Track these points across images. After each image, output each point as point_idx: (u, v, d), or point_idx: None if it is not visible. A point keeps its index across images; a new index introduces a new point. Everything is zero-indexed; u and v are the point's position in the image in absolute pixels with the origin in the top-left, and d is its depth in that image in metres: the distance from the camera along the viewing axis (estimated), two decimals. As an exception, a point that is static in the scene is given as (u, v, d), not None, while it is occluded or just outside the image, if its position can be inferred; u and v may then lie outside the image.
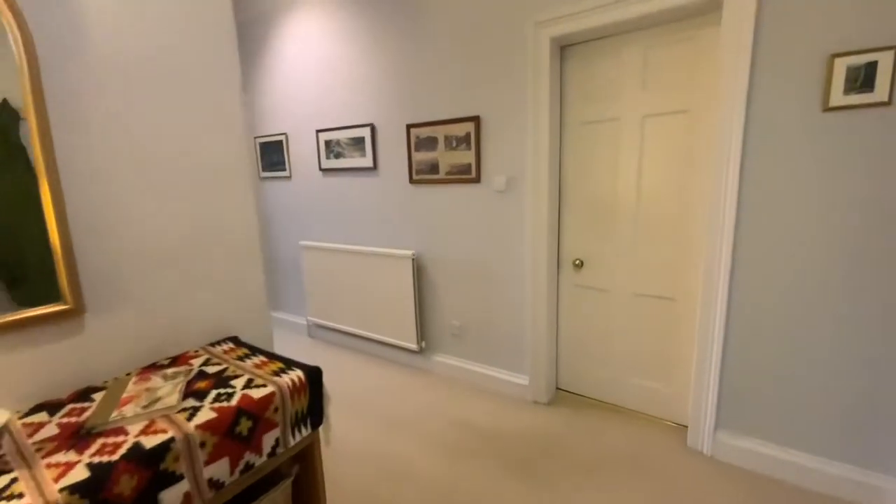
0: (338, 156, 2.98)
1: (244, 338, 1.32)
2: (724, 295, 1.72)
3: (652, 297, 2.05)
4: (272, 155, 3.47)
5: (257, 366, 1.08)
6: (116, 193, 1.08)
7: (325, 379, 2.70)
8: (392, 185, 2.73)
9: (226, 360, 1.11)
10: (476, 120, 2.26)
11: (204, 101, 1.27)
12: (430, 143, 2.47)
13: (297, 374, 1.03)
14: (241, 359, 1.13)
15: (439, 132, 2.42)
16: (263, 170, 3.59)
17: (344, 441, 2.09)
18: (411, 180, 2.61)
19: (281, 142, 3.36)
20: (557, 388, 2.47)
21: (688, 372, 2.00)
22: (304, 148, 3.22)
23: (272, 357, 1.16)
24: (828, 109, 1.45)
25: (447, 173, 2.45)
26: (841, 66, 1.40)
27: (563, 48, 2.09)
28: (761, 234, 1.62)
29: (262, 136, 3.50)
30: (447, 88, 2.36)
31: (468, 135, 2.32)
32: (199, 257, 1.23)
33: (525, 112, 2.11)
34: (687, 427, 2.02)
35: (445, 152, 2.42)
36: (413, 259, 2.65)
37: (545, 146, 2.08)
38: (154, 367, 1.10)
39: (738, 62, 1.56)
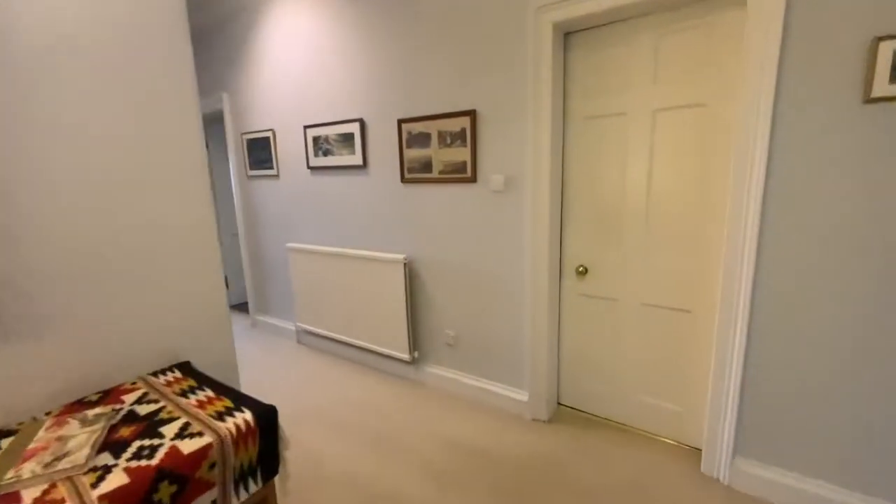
0: (326, 153, 2.80)
1: (198, 363, 1.14)
2: (746, 307, 1.54)
3: (663, 309, 1.87)
4: (259, 152, 3.29)
5: (201, 403, 0.90)
6: (15, 193, 0.90)
7: (309, 391, 2.53)
8: (383, 184, 2.56)
9: (165, 396, 0.94)
10: (472, 114, 2.09)
11: (129, 82, 1.07)
12: (423, 139, 2.29)
13: (245, 417, 0.85)
14: (184, 393, 0.95)
15: (432, 128, 2.24)
16: (251, 168, 3.42)
17: (323, 463, 1.91)
18: (403, 179, 2.43)
19: (268, 138, 3.18)
20: (559, 404, 2.30)
21: (703, 391, 1.82)
22: (291, 145, 3.05)
23: (221, 391, 0.97)
24: (869, 101, 1.27)
25: (441, 172, 2.27)
26: (887, 51, 1.22)
27: (567, 35, 1.91)
28: (789, 240, 1.44)
29: (249, 133, 3.32)
30: (441, 80, 2.18)
31: (463, 131, 2.14)
32: (138, 268, 1.04)
33: (525, 106, 1.93)
34: (701, 451, 1.85)
35: (439, 149, 2.25)
36: (405, 264, 2.47)
37: (546, 143, 1.90)
38: (79, 405, 0.93)
39: (766, 48, 1.38)
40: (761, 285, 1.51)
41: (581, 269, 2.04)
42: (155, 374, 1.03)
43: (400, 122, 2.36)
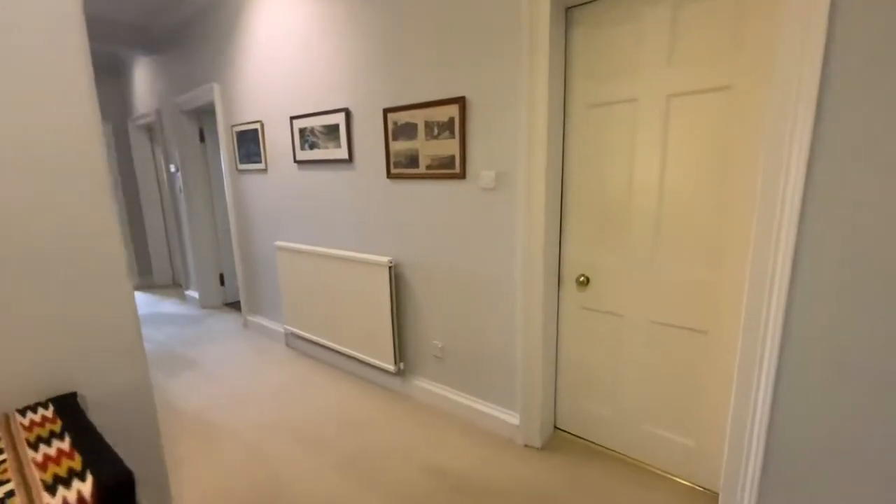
0: (312, 146, 2.61)
1: (96, 395, 0.92)
2: (776, 333, 1.27)
3: (676, 328, 1.61)
4: (249, 145, 3.14)
5: (46, 461, 0.71)
6: None
7: (289, 400, 2.35)
8: (368, 180, 2.35)
9: (12, 446, 0.75)
10: (461, 102, 1.85)
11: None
12: (410, 130, 2.07)
13: (80, 490, 0.64)
14: (37, 442, 0.76)
15: (419, 117, 2.02)
16: (240, 161, 3.27)
17: (282, 488, 1.73)
18: (389, 175, 2.22)
19: (256, 130, 3.02)
20: (556, 428, 2.06)
21: (721, 426, 1.56)
22: (278, 137, 2.87)
23: (81, 444, 0.76)
24: (948, 76, 0.99)
25: (428, 167, 2.05)
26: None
27: (569, 10, 1.66)
28: (834, 255, 1.17)
29: (238, 125, 3.16)
30: (428, 65, 1.95)
31: (451, 121, 1.91)
32: (6, 280, 0.84)
33: (519, 92, 1.69)
34: (718, 495, 1.58)
35: (426, 142, 2.02)
36: (390, 267, 2.26)
37: (542, 134, 1.66)
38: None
39: (812, 12, 1.11)
40: (796, 307, 1.24)
41: (582, 278, 1.79)
42: (24, 410, 0.85)
43: (386, 111, 2.14)
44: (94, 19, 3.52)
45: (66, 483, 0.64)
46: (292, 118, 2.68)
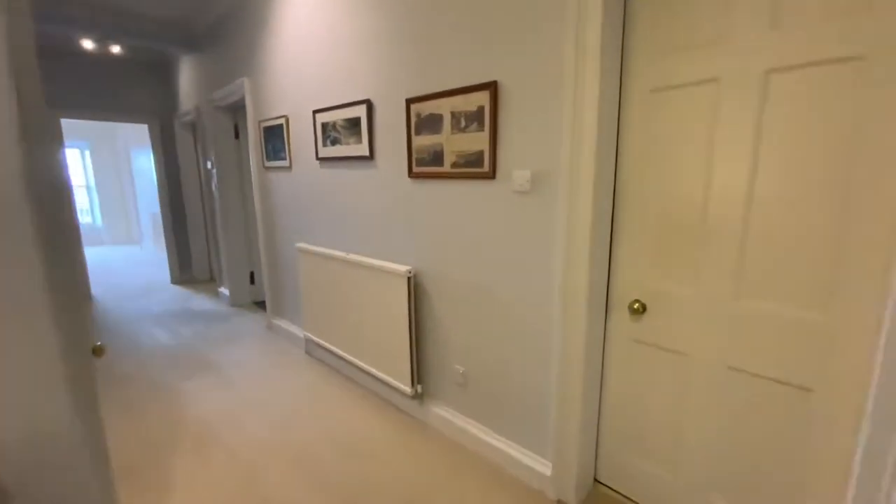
0: (334, 142, 2.42)
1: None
2: (930, 409, 0.88)
3: (765, 379, 1.22)
4: (275, 141, 3.01)
5: None
6: None
7: (298, 418, 2.15)
8: (389, 179, 2.11)
9: None
10: (492, 88, 1.56)
11: None
12: (434, 122, 1.80)
13: None
14: None
15: (444, 107, 1.75)
16: (267, 158, 3.15)
17: (280, 531, 1.51)
18: (410, 173, 1.96)
19: (281, 126, 2.88)
20: (596, 481, 1.71)
21: (826, 517, 1.16)
22: (302, 133, 2.71)
23: None
24: None
25: (453, 165, 1.77)
26: None
27: (631, -31, 1.32)
28: None
29: (266, 120, 3.05)
30: (455, 44, 1.67)
31: (481, 110, 1.62)
32: None
33: (564, 74, 1.37)
34: None
35: (452, 135, 1.75)
36: (410, 277, 2.01)
37: (591, 125, 1.33)
38: None
39: None
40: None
41: (637, 305, 1.44)
42: None
43: (409, 101, 1.89)
44: (140, 17, 3.56)
45: None
46: (315, 112, 2.50)
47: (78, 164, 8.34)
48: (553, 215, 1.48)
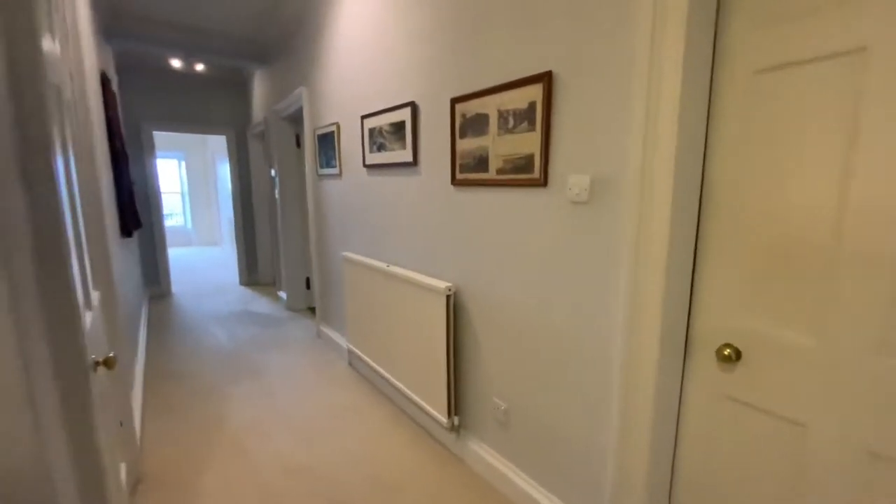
0: (380, 148, 2.30)
1: None
2: None
3: (934, 480, 0.84)
4: (327, 149, 2.99)
5: None
6: None
7: (330, 437, 2.02)
8: (432, 186, 1.94)
9: None
10: (545, 79, 1.32)
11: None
12: (480, 123, 1.60)
13: None
14: None
15: (491, 105, 1.54)
16: (320, 166, 3.15)
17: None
18: (454, 180, 1.77)
19: (333, 133, 2.85)
20: (666, 567, 1.36)
21: None
22: (351, 140, 2.65)
23: None
24: None
25: (499, 171, 1.54)
26: None
27: (732, -85, 1.02)
28: None
29: (320, 128, 3.05)
30: (505, 30, 1.46)
31: (531, 107, 1.38)
32: None
33: (635, 55, 1.09)
34: None
35: (498, 137, 1.53)
36: (449, 295, 1.81)
37: (671, 118, 1.04)
38: None
39: None
40: None
41: (728, 351, 1.10)
42: None
43: (453, 101, 1.70)
44: (218, 35, 3.79)
45: None
46: (363, 117, 2.41)
47: (175, 173, 9.32)
48: (617, 231, 1.20)
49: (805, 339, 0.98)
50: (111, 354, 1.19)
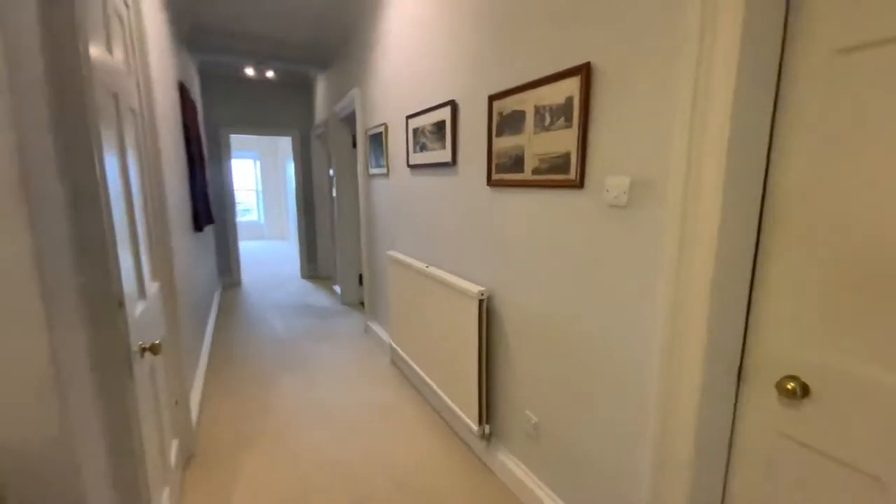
0: (423, 148, 2.30)
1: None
2: None
3: None
4: (376, 149, 3.05)
5: None
6: None
7: (363, 437, 2.06)
8: (468, 186, 1.89)
9: None
10: (583, 72, 1.21)
11: None
12: (516, 121, 1.52)
13: None
14: None
15: (528, 102, 1.45)
16: (371, 166, 3.23)
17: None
18: (489, 181, 1.71)
19: (381, 133, 2.90)
20: None
21: None
22: (397, 139, 2.67)
23: None
24: None
25: (534, 171, 1.46)
26: None
27: None
28: None
29: (371, 128, 3.12)
30: (542, 24, 1.37)
31: (569, 102, 1.28)
32: None
33: (686, 37, 0.96)
34: None
35: (535, 135, 1.44)
36: (482, 300, 1.75)
37: (724, 114, 0.90)
38: None
39: None
40: None
41: (791, 385, 0.93)
42: None
43: (491, 99, 1.64)
44: (282, 42, 4.03)
45: None
46: (408, 117, 2.42)
47: (251, 172, 10.14)
48: (658, 240, 1.07)
49: (891, 375, 0.80)
50: (157, 341, 1.29)
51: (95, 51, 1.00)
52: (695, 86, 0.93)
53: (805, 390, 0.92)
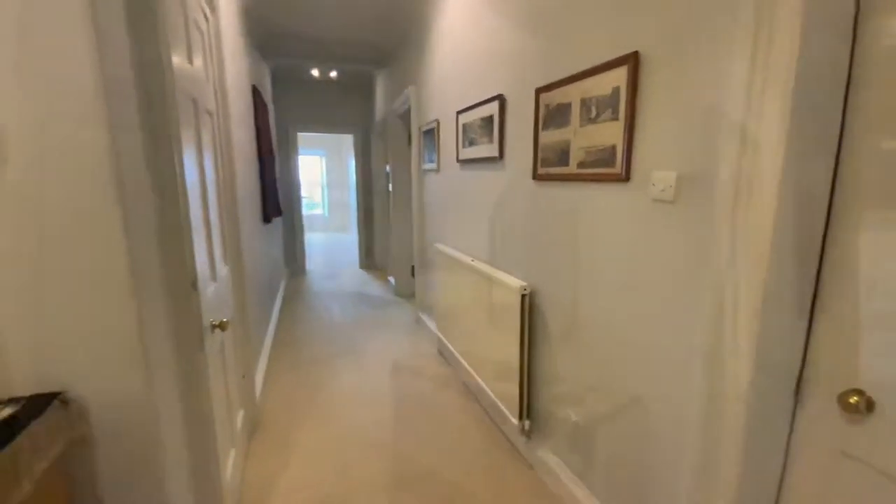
0: (472, 143, 2.32)
1: (87, 396, 0.87)
2: None
3: None
4: (429, 145, 3.13)
5: None
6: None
7: (405, 427, 2.15)
8: (514, 181, 1.89)
9: None
10: (631, 61, 1.17)
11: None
12: (562, 114, 1.49)
13: None
14: None
15: (574, 94, 1.42)
16: (423, 162, 3.31)
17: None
18: (535, 175, 1.70)
19: (433, 130, 2.96)
20: None
21: None
22: (448, 135, 2.72)
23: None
24: None
25: (580, 164, 1.42)
26: None
27: None
28: None
29: (425, 125, 3.20)
30: (589, 13, 1.33)
31: (615, 93, 1.24)
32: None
33: (741, 21, 0.90)
34: None
35: (580, 128, 1.41)
36: (524, 295, 1.75)
37: (782, 102, 0.83)
38: None
39: None
40: None
41: (855, 399, 0.84)
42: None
43: (538, 91, 1.62)
44: (344, 44, 4.24)
45: None
46: (458, 113, 2.46)
47: (318, 168, 10.76)
48: (705, 239, 1.01)
49: (980, 400, 0.70)
50: (225, 319, 1.45)
51: (177, 60, 1.14)
52: (749, 77, 0.87)
53: (870, 405, 0.83)
